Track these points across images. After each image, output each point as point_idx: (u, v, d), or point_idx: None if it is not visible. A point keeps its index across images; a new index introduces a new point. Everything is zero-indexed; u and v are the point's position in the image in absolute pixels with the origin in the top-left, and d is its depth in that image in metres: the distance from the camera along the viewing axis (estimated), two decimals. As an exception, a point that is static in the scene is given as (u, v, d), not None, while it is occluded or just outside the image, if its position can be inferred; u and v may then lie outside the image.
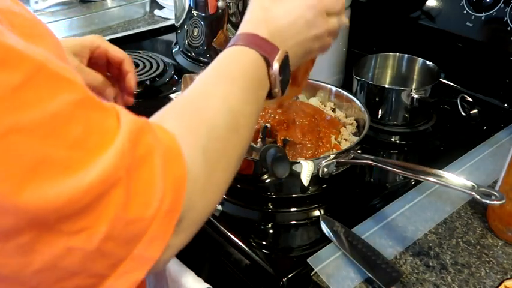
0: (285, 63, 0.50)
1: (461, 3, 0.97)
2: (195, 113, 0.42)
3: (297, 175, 0.69)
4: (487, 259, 0.62)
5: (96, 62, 0.67)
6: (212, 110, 0.43)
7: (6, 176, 0.26)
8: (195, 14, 1.09)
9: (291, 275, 0.60)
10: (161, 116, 0.41)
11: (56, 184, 0.27)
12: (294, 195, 0.73)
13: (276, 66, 0.49)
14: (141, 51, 1.18)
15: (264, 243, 0.66)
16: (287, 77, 0.52)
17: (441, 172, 0.60)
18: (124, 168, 0.31)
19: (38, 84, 0.28)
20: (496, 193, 0.54)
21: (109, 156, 0.30)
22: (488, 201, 0.54)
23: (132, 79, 0.69)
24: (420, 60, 0.97)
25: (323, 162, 0.69)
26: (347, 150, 0.71)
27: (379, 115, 0.91)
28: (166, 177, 0.34)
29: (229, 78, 0.46)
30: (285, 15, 0.51)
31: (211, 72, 0.47)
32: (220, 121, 0.42)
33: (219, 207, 0.71)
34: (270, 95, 0.51)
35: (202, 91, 0.45)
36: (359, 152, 0.72)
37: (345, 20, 0.57)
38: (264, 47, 0.49)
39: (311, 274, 0.60)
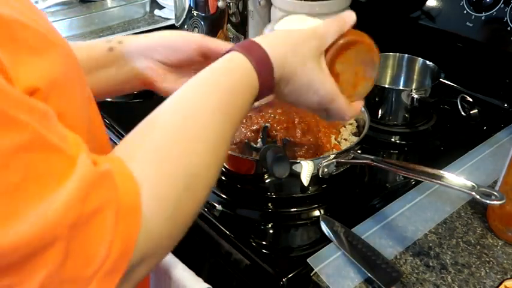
0: (271, 74, 0.48)
1: (461, 3, 0.97)
2: (178, 157, 0.37)
3: (297, 175, 0.69)
4: (487, 259, 0.62)
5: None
6: (195, 152, 0.38)
7: None
8: (195, 14, 1.09)
9: (291, 275, 0.60)
10: (132, 150, 0.37)
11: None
12: (294, 195, 0.73)
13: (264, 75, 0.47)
14: (141, 51, 1.17)
15: (264, 243, 0.66)
16: (271, 85, 0.49)
17: (441, 172, 0.60)
18: (67, 225, 0.28)
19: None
20: (496, 193, 0.54)
21: (51, 208, 0.27)
22: (488, 201, 0.54)
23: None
24: (420, 60, 0.97)
25: (323, 162, 0.69)
26: (347, 150, 0.71)
27: (379, 115, 0.91)
28: (114, 235, 0.31)
29: (217, 94, 0.43)
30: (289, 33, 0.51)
31: (198, 82, 0.44)
32: (200, 167, 0.38)
33: (219, 207, 0.71)
34: (257, 99, 0.49)
35: (186, 117, 0.40)
36: (359, 152, 0.72)
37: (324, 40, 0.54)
38: (256, 54, 0.47)
39: (311, 274, 0.60)
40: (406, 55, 0.98)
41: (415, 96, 0.86)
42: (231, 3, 1.03)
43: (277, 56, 0.48)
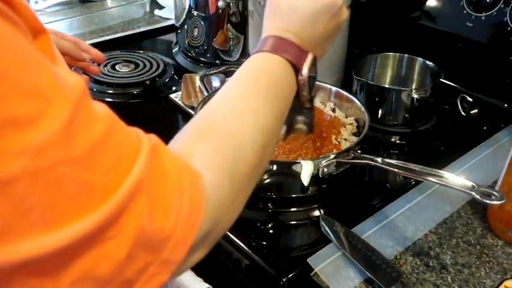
0: (313, 67, 0.51)
1: (461, 3, 0.96)
2: (225, 135, 0.42)
3: (297, 175, 0.69)
4: (487, 259, 0.62)
5: None
6: (241, 129, 0.43)
7: (50, 209, 0.28)
8: (195, 14, 1.09)
9: (291, 275, 0.60)
10: (187, 137, 0.42)
11: (92, 207, 0.30)
12: (294, 195, 0.73)
13: (305, 71, 0.50)
14: (141, 51, 1.18)
15: (264, 243, 0.66)
16: (314, 79, 0.53)
17: (441, 172, 0.60)
18: (146, 180, 0.33)
19: (78, 121, 0.30)
20: (496, 193, 0.54)
21: (134, 172, 0.32)
22: (488, 201, 0.54)
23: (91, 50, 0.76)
24: (420, 60, 0.97)
25: (323, 162, 0.69)
26: (347, 150, 0.71)
27: (379, 115, 0.91)
28: (181, 190, 0.35)
29: (259, 91, 0.46)
30: (309, 17, 0.51)
31: (238, 84, 0.47)
32: (248, 142, 0.42)
33: (219, 207, 0.71)
34: (297, 96, 0.52)
35: (230, 107, 0.44)
36: (359, 152, 0.72)
37: (346, 11, 0.56)
38: (292, 53, 0.49)
39: (311, 274, 0.60)
40: (406, 55, 0.98)
41: (415, 96, 0.86)
42: (231, 3, 1.03)
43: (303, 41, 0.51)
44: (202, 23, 1.08)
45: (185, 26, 1.13)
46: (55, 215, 0.28)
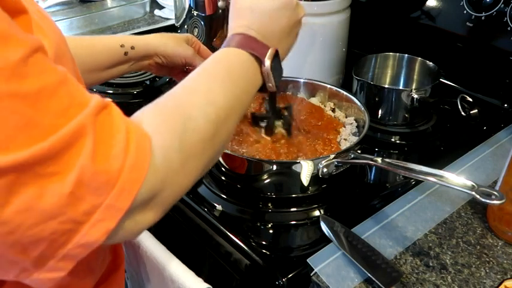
0: (276, 59, 0.56)
1: (461, 3, 0.96)
2: (175, 106, 0.46)
3: (296, 175, 0.69)
4: (487, 259, 0.62)
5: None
6: (192, 103, 0.46)
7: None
8: (195, 14, 1.09)
9: (291, 275, 0.60)
10: (142, 110, 0.45)
11: (39, 137, 0.33)
12: (293, 195, 0.73)
13: (267, 63, 0.55)
14: (141, 51, 1.17)
15: (264, 243, 0.66)
16: (279, 71, 0.58)
17: (441, 172, 0.60)
18: (90, 125, 0.36)
19: (33, 63, 0.34)
20: (496, 193, 0.54)
21: (78, 118, 0.35)
22: (488, 201, 0.54)
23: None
24: (420, 60, 0.97)
25: (323, 162, 0.69)
26: (347, 150, 0.71)
27: (379, 115, 0.91)
28: (127, 140, 0.38)
29: (215, 76, 0.51)
30: (267, 15, 0.57)
31: (198, 71, 0.51)
32: (199, 114, 0.45)
33: (219, 207, 0.72)
34: (264, 90, 0.58)
35: (186, 87, 0.49)
36: (359, 152, 0.72)
37: (303, 8, 0.63)
38: (254, 46, 0.55)
39: (311, 274, 0.60)
40: (406, 55, 0.98)
41: (415, 96, 0.86)
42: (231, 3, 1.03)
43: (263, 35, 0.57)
44: (202, 23, 1.08)
45: (185, 26, 1.13)
46: (0, 140, 0.32)
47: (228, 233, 0.67)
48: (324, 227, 0.66)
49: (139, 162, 0.38)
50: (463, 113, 0.84)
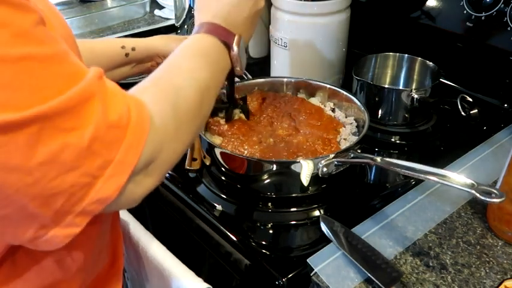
0: (241, 46, 0.62)
1: (461, 3, 0.96)
2: (165, 78, 0.51)
3: (296, 175, 0.69)
4: (487, 259, 0.62)
5: None
6: (179, 76, 0.52)
7: (19, 91, 0.35)
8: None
9: (291, 275, 0.60)
10: (138, 84, 0.49)
11: (55, 94, 0.36)
12: (293, 195, 0.73)
13: (235, 48, 0.61)
14: (141, 51, 1.17)
15: (263, 243, 0.66)
16: (244, 57, 0.64)
17: (441, 171, 0.59)
18: (96, 86, 0.39)
19: (43, 31, 0.37)
20: (496, 191, 0.54)
21: (85, 80, 0.39)
22: (488, 199, 0.54)
23: None
24: (420, 60, 0.97)
25: (323, 162, 0.69)
26: (347, 150, 0.71)
27: (379, 115, 0.91)
28: (128, 105, 0.41)
29: (194, 56, 0.57)
30: (232, 6, 0.63)
31: (178, 52, 0.57)
32: (186, 84, 0.51)
33: (219, 207, 0.71)
34: (232, 74, 0.64)
35: (170, 65, 0.54)
36: (359, 151, 0.72)
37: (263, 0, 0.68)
38: (222, 33, 0.60)
39: (311, 274, 0.60)
40: (406, 55, 0.98)
41: (415, 96, 0.86)
42: (231, 3, 1.03)
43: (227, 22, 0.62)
44: (202, 23, 1.08)
45: (185, 26, 1.13)
46: (21, 98, 0.35)
47: (228, 233, 0.67)
48: (324, 227, 0.66)
49: (141, 123, 0.42)
50: (463, 113, 0.84)
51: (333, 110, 0.88)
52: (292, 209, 0.72)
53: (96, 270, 0.58)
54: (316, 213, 0.71)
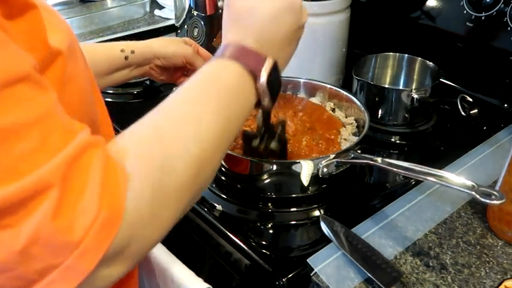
0: (274, 72, 0.49)
1: (461, 3, 0.96)
2: (156, 140, 0.40)
3: (297, 175, 0.69)
4: (487, 259, 0.62)
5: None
6: (175, 138, 0.40)
7: None
8: (195, 14, 1.09)
9: (291, 275, 0.60)
10: (125, 138, 0.40)
11: None
12: (293, 195, 0.73)
13: (263, 78, 0.48)
14: (141, 51, 1.17)
15: (263, 243, 0.66)
16: (278, 85, 0.51)
17: (441, 172, 0.60)
18: (59, 177, 0.32)
19: (6, 96, 0.31)
20: (496, 193, 0.54)
21: (48, 166, 0.32)
22: (488, 201, 0.54)
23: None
24: (420, 60, 0.97)
25: (323, 162, 0.69)
26: (347, 150, 0.71)
27: (379, 115, 0.91)
28: (102, 194, 0.33)
29: (204, 98, 0.44)
30: (269, 19, 0.51)
31: (181, 91, 0.45)
32: (180, 152, 0.40)
33: (219, 207, 0.71)
34: (259, 106, 0.51)
35: (171, 115, 0.43)
36: (359, 152, 0.72)
37: (306, 12, 0.56)
38: (250, 58, 0.48)
39: (311, 274, 0.60)
40: (406, 55, 0.98)
41: (415, 96, 0.86)
42: (231, 3, 1.03)
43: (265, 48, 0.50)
44: (202, 23, 1.08)
45: (185, 26, 1.13)
46: None
47: (228, 233, 0.67)
48: (324, 227, 0.66)
49: (111, 221, 0.34)
50: (463, 113, 0.84)
51: (333, 110, 0.88)
52: (292, 209, 0.72)
53: None
54: (316, 213, 0.71)
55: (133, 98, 1.02)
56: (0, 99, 0.31)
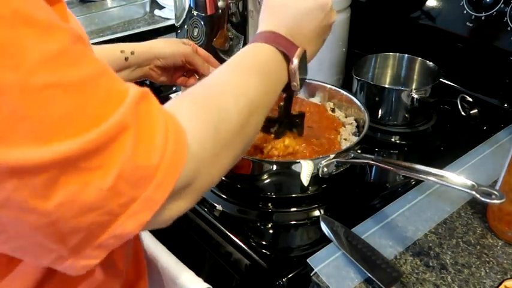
0: (303, 60, 0.56)
1: (461, 3, 0.96)
2: (208, 97, 0.46)
3: (297, 175, 0.69)
4: (487, 259, 0.62)
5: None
6: (224, 94, 0.47)
7: (41, 124, 0.31)
8: (195, 14, 1.09)
9: (291, 275, 0.60)
10: (175, 101, 0.45)
11: (83, 129, 0.33)
12: (293, 195, 0.73)
13: (295, 62, 0.55)
14: (141, 51, 1.17)
15: (263, 243, 0.66)
16: (305, 73, 0.58)
17: (441, 171, 0.60)
18: (132, 117, 0.36)
19: (74, 53, 0.34)
20: (496, 192, 0.54)
21: (121, 109, 0.35)
22: (488, 200, 0.54)
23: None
24: (420, 60, 0.97)
25: (323, 162, 0.69)
26: (347, 150, 0.71)
27: (379, 115, 0.91)
28: (167, 133, 0.38)
29: (245, 69, 0.51)
30: (300, 15, 0.57)
31: (227, 64, 0.52)
32: (231, 105, 0.46)
33: (219, 207, 0.71)
34: (288, 89, 0.57)
35: (217, 80, 0.49)
36: (359, 151, 0.72)
37: (335, 13, 0.62)
38: (283, 44, 0.55)
39: (311, 274, 0.60)
40: (406, 55, 0.98)
41: (415, 96, 0.86)
42: (231, 3, 1.03)
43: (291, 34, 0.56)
44: (202, 23, 1.08)
45: (185, 26, 1.13)
46: (43, 132, 0.31)
47: (228, 233, 0.67)
48: (324, 227, 0.66)
49: (177, 156, 0.39)
50: (463, 113, 0.84)
51: (333, 110, 0.88)
52: (292, 209, 0.72)
53: (126, 274, 0.57)
54: (316, 213, 0.71)
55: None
56: (73, 54, 0.34)
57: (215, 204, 0.72)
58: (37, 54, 0.31)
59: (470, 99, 0.84)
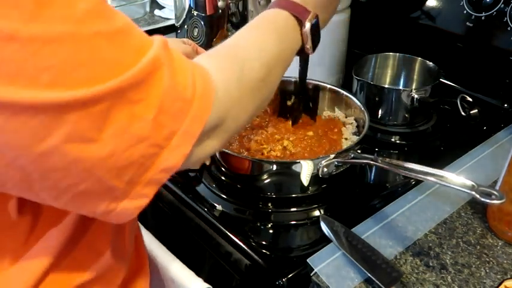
0: (315, 24, 0.59)
1: (461, 3, 0.96)
2: (231, 50, 0.51)
3: (297, 175, 0.69)
4: (487, 259, 0.62)
5: None
6: (246, 48, 0.52)
7: (95, 65, 0.35)
8: (195, 14, 1.09)
9: (291, 275, 0.60)
10: (201, 55, 0.50)
11: (127, 67, 0.37)
12: (293, 195, 0.73)
13: (307, 25, 0.58)
14: (141, 51, 1.17)
15: (263, 243, 0.66)
16: (317, 37, 0.61)
17: (441, 171, 0.60)
18: (163, 56, 0.40)
19: (107, 6, 0.37)
20: (496, 192, 0.54)
21: (153, 49, 0.39)
22: (488, 201, 0.54)
23: None
24: (420, 60, 0.97)
25: (323, 162, 0.69)
26: (347, 150, 0.71)
27: (379, 115, 0.91)
28: (194, 74, 0.42)
29: (263, 29, 0.56)
30: None
31: (246, 27, 0.56)
32: (254, 56, 0.51)
33: (219, 207, 0.71)
34: (302, 52, 0.61)
35: (238, 37, 0.54)
36: (359, 151, 0.72)
37: None
38: (296, 9, 0.58)
39: (311, 274, 0.60)
40: (406, 55, 0.98)
41: (415, 96, 0.86)
42: (231, 3, 1.03)
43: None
44: (202, 23, 1.08)
45: (185, 26, 1.13)
46: (95, 72, 0.35)
47: (228, 233, 0.67)
48: (324, 227, 0.66)
49: (207, 92, 0.42)
50: (463, 113, 0.84)
51: (333, 110, 0.88)
52: (292, 209, 0.72)
53: (129, 264, 0.58)
54: (316, 213, 0.71)
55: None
56: (107, 9, 0.37)
57: (215, 204, 0.72)
58: (84, 6, 0.35)
59: (470, 99, 0.84)
